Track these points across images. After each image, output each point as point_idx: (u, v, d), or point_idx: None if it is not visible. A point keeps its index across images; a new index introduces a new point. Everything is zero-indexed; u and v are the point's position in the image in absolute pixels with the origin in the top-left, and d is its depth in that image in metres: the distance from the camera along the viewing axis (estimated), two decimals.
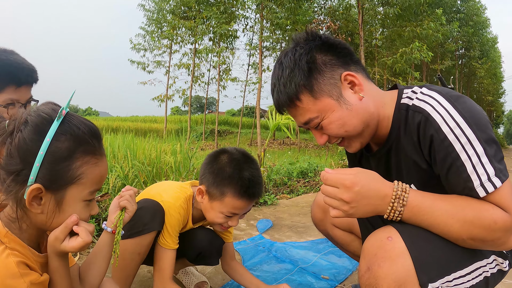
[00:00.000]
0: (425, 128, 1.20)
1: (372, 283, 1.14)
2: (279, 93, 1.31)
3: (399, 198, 1.16)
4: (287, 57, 1.30)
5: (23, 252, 1.01)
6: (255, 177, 1.77)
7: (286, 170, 6.97)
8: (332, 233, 1.96)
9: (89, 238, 1.07)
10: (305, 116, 1.30)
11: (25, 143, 0.97)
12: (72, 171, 1.02)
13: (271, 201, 4.82)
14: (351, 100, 1.27)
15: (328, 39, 1.31)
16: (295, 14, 18.19)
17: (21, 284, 0.92)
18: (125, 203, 1.38)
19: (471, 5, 30.31)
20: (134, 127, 26.55)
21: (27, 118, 1.00)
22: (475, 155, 1.12)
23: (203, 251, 2.01)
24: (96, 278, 1.31)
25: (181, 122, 33.97)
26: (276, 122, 5.09)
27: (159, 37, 23.10)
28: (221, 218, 1.80)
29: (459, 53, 33.51)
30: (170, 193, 1.88)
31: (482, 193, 1.12)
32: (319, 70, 1.26)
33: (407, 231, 1.15)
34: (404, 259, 1.11)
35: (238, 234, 3.45)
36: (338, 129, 1.29)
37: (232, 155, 1.82)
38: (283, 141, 26.44)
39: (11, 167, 0.98)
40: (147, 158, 5.10)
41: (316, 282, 2.38)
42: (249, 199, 1.77)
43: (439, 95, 1.21)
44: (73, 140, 1.02)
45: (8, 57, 1.70)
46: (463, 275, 1.17)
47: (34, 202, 1.00)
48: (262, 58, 19.29)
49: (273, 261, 2.74)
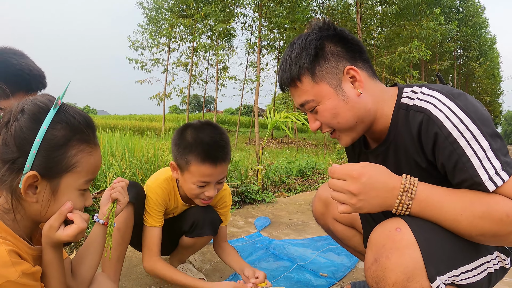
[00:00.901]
0: (427, 127, 1.19)
1: (380, 275, 1.12)
2: (284, 71, 1.37)
3: (407, 191, 1.14)
4: (299, 40, 1.35)
5: (14, 243, 1.00)
6: (216, 141, 1.79)
7: (284, 168, 6.96)
8: (333, 228, 1.94)
9: (84, 224, 1.08)
10: (302, 98, 1.35)
11: (22, 131, 0.99)
12: (68, 159, 1.04)
13: (269, 199, 4.81)
14: (349, 93, 1.30)
15: (342, 32, 1.35)
16: (293, 12, 18.19)
17: (13, 273, 0.90)
18: (117, 195, 1.40)
19: (470, 5, 30.36)
20: (132, 126, 26.46)
21: (24, 107, 1.02)
22: (481, 150, 1.11)
23: (196, 220, 2.04)
24: (88, 271, 1.30)
25: (179, 121, 33.91)
26: (274, 120, 5.06)
27: (157, 35, 23.05)
28: (195, 189, 1.83)
29: (457, 53, 33.54)
30: (152, 177, 1.99)
31: (491, 187, 1.09)
32: (325, 57, 1.31)
33: (415, 223, 1.14)
34: (413, 251, 1.09)
35: (236, 232, 3.43)
36: (330, 118, 1.32)
37: (194, 126, 1.86)
38: (281, 140, 26.43)
39: (6, 155, 0.99)
40: (144, 155, 5.09)
41: (314, 279, 2.36)
42: (213, 163, 1.78)
43: (440, 94, 1.20)
44: (69, 128, 1.04)
45: (20, 62, 1.64)
46: (469, 269, 1.16)
47: (29, 191, 1.01)
48: (260, 57, 19.26)
49: (271, 258, 2.72)
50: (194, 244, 2.16)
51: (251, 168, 6.17)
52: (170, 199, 1.99)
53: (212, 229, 2.09)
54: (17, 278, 0.90)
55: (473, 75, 35.87)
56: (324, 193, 1.89)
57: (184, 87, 22.75)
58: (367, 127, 1.37)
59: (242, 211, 4.22)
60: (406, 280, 1.08)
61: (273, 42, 23.39)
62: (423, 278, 1.08)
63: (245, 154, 9.88)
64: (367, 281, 1.19)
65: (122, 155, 4.85)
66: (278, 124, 5.36)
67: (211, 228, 2.08)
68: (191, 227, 2.05)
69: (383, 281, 1.11)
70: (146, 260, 1.89)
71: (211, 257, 2.72)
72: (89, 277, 1.31)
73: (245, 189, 4.63)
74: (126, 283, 2.20)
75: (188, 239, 2.10)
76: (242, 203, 4.52)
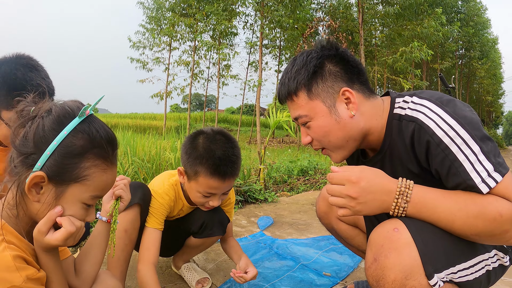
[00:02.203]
0: (419, 136, 1.22)
1: (379, 274, 1.16)
2: (283, 84, 1.43)
3: (403, 194, 1.18)
4: (301, 56, 1.40)
5: (19, 245, 1.00)
6: (227, 156, 1.76)
7: (286, 168, 6.96)
8: (336, 227, 1.96)
9: (72, 228, 1.04)
10: (297, 112, 1.40)
11: (43, 130, 1.00)
12: (80, 169, 1.03)
13: (272, 199, 4.82)
14: (342, 114, 1.34)
15: (344, 53, 1.39)
16: (294, 12, 18.17)
17: (17, 278, 0.90)
18: (120, 192, 1.39)
19: (471, 6, 30.31)
20: (133, 124, 26.49)
21: (52, 108, 1.03)
22: (472, 154, 1.14)
23: (206, 221, 2.05)
24: (91, 269, 1.30)
25: (180, 120, 33.89)
26: (277, 119, 5.06)
27: (158, 34, 23.03)
28: (200, 197, 1.83)
29: (459, 53, 33.48)
30: (155, 182, 1.97)
31: (485, 190, 1.12)
32: (323, 76, 1.35)
33: (413, 224, 1.17)
34: (410, 250, 1.13)
35: (239, 231, 3.44)
36: (321, 136, 1.38)
37: (207, 135, 1.83)
38: (282, 140, 26.44)
39: (23, 148, 1.00)
40: (146, 154, 5.08)
41: (318, 279, 2.37)
42: (222, 178, 1.76)
43: (429, 102, 1.24)
44: (89, 140, 1.04)
45: (26, 75, 1.60)
46: (467, 267, 1.19)
47: (34, 189, 1.01)
48: (262, 56, 19.25)
49: (274, 258, 2.73)
50: (201, 244, 2.18)
51: (253, 168, 6.17)
52: (176, 203, 1.99)
53: (222, 229, 2.10)
54: (22, 283, 0.90)
55: (475, 75, 35.86)
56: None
57: (185, 85, 22.74)
58: (358, 144, 1.41)
59: (245, 211, 4.23)
60: (404, 278, 1.12)
61: (274, 41, 23.36)
62: (421, 276, 1.12)
63: (246, 154, 9.87)
64: (368, 280, 1.22)
65: (124, 153, 4.85)
66: (280, 124, 5.36)
67: (221, 228, 2.09)
68: (200, 228, 2.06)
69: (383, 279, 1.15)
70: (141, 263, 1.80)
71: (215, 256, 2.73)
72: (92, 274, 1.30)
73: (248, 188, 4.64)
74: (130, 282, 2.21)
75: (196, 240, 2.11)
76: (244, 202, 4.53)
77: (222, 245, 2.27)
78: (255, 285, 2.25)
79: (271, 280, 2.32)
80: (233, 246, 2.21)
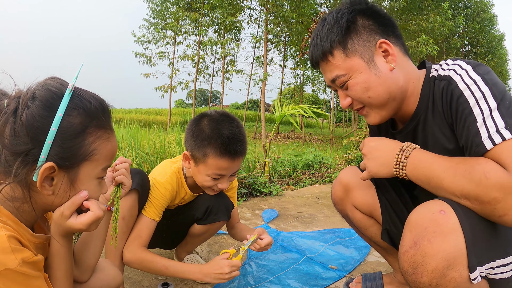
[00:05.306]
0: (447, 90, 1.22)
1: (418, 260, 1.07)
2: (315, 46, 1.37)
3: (404, 150, 1.23)
4: (330, 15, 1.35)
5: (16, 228, 0.93)
6: (235, 134, 1.76)
7: (291, 161, 6.92)
8: (351, 214, 1.84)
9: (100, 212, 1.02)
10: (334, 72, 1.34)
11: (34, 119, 0.90)
12: (86, 147, 0.97)
13: (276, 192, 4.78)
14: (382, 67, 1.29)
15: (374, 6, 1.35)
16: (300, 7, 18.10)
17: (12, 261, 0.82)
18: (122, 178, 1.31)
19: (478, 1, 30.03)
20: (138, 119, 26.48)
21: (34, 92, 0.93)
22: (487, 109, 1.10)
23: (210, 205, 2.02)
24: (91, 258, 1.26)
25: (185, 115, 33.93)
26: (282, 112, 5.02)
27: (163, 29, 23.01)
28: (209, 181, 1.80)
29: (465, 49, 33.24)
30: (157, 171, 1.94)
31: (489, 145, 1.07)
32: (357, 31, 1.31)
33: (460, 208, 1.09)
34: (457, 236, 1.04)
35: (244, 223, 3.40)
36: (362, 92, 1.32)
37: (211, 117, 1.82)
38: (287, 135, 26.41)
39: (18, 147, 0.90)
40: (151, 148, 5.07)
41: (324, 272, 2.33)
42: (232, 157, 1.75)
43: (462, 61, 1.24)
44: (86, 114, 0.97)
45: None
46: (505, 264, 1.11)
47: (46, 183, 0.94)
48: (267, 51, 19.19)
49: (279, 250, 2.69)
50: (206, 232, 2.13)
51: (258, 161, 6.14)
52: (178, 192, 1.96)
53: (227, 214, 2.08)
54: (17, 266, 0.83)
55: None
56: (345, 177, 1.81)
57: (190, 80, 22.72)
58: (398, 106, 1.37)
59: (249, 203, 4.20)
60: (446, 268, 1.03)
61: (279, 36, 23.29)
62: (464, 267, 1.04)
63: (251, 148, 9.85)
64: (401, 265, 1.13)
65: (129, 147, 4.83)
66: (284, 118, 5.32)
67: (226, 213, 2.07)
68: (205, 213, 2.03)
69: (422, 266, 1.06)
70: (131, 249, 1.77)
71: (218, 248, 2.70)
72: (92, 264, 1.26)
73: (253, 181, 4.61)
74: (131, 274, 2.18)
75: (200, 226, 2.08)
76: (249, 195, 4.50)
77: (231, 232, 2.27)
78: (260, 278, 2.22)
79: (276, 273, 2.29)
80: (243, 228, 2.22)
